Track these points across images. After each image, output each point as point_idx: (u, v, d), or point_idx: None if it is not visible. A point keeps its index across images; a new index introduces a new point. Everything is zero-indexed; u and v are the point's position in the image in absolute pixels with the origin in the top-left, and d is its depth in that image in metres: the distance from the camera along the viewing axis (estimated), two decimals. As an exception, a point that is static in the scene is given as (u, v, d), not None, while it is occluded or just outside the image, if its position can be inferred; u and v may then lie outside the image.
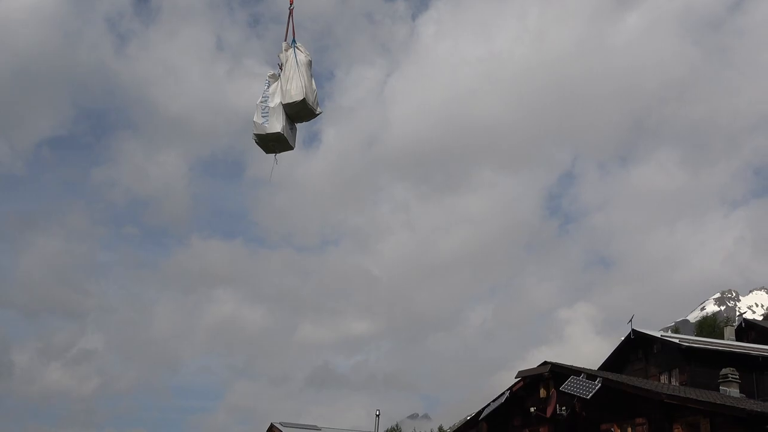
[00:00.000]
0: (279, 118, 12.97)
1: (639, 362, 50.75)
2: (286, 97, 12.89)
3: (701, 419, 26.25)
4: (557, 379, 31.25)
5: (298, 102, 12.90)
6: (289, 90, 12.89)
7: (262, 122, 12.97)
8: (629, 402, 28.55)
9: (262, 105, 13.10)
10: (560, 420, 31.07)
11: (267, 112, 12.99)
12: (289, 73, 13.06)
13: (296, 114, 13.14)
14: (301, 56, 13.19)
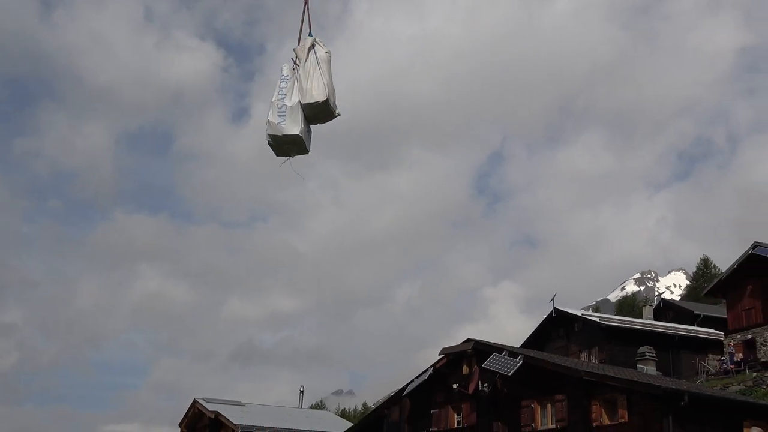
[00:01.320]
0: (297, 118, 12.04)
1: (560, 340, 51.65)
2: (307, 97, 11.97)
3: (618, 396, 26.77)
4: (480, 356, 31.55)
5: (320, 103, 12.04)
6: (309, 89, 11.98)
7: (278, 122, 11.98)
8: (550, 379, 28.96)
9: (278, 103, 12.09)
10: (482, 396, 31.39)
11: (284, 111, 12.01)
12: (310, 70, 12.12)
13: (314, 115, 12.22)
14: (321, 52, 12.27)
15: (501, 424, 30.37)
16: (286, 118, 11.88)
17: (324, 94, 11.93)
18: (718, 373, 47.29)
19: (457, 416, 33.32)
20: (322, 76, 12.08)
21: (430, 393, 34.52)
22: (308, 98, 11.88)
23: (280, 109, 11.94)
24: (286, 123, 11.87)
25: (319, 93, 11.91)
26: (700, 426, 25.11)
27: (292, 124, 11.87)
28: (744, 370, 44.74)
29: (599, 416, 27.21)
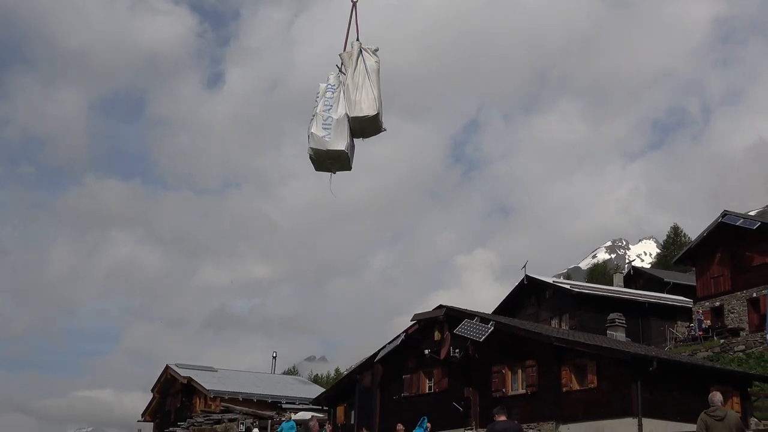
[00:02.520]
0: (343, 132, 11.06)
1: (532, 307, 51.98)
2: (355, 110, 11.00)
3: (588, 361, 27.07)
4: (452, 323, 31.72)
5: (370, 117, 11.09)
6: (358, 101, 11.00)
7: (323, 135, 10.97)
8: (520, 345, 29.20)
9: (323, 114, 11.07)
10: (453, 362, 31.59)
11: (330, 124, 11.01)
12: (359, 80, 11.16)
13: (361, 129, 11.27)
14: (370, 61, 11.32)
15: (472, 389, 30.62)
16: (332, 132, 10.97)
17: (374, 108, 11.07)
18: (686, 339, 47.82)
19: (429, 381, 33.55)
20: (372, 87, 11.20)
21: (402, 359, 34.71)
22: (357, 111, 11.00)
23: (325, 122, 11.01)
24: (331, 137, 10.97)
25: (369, 106, 11.02)
26: (668, 391, 25.47)
27: (338, 138, 10.97)
28: (712, 336, 45.27)
29: (569, 381, 27.53)
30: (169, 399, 59.69)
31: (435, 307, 33.87)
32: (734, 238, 46.02)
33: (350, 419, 37.33)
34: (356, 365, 39.43)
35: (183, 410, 55.92)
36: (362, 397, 36.94)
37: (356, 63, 11.17)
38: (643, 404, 25.16)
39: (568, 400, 27.34)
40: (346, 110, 10.97)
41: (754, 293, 44.27)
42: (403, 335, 34.66)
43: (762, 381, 29.01)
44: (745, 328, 44.20)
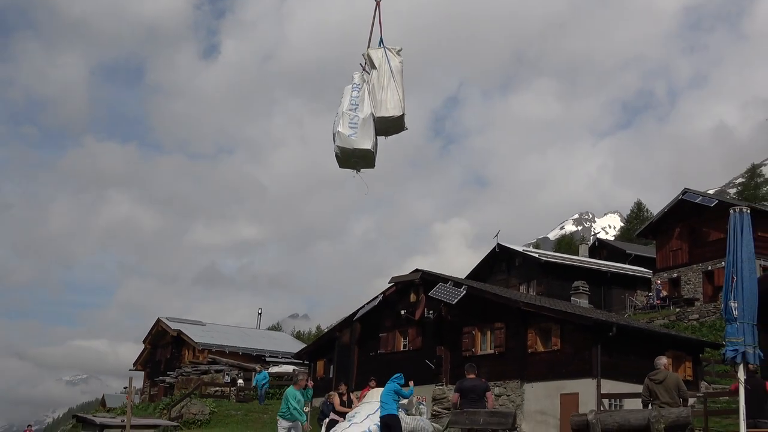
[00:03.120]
0: (369, 132, 10.81)
1: (502, 273, 52.24)
2: (382, 110, 10.76)
3: (553, 325, 27.27)
4: (427, 286, 31.83)
5: (395, 117, 10.85)
6: (384, 101, 10.77)
7: (350, 134, 10.69)
8: (490, 308, 29.37)
9: (350, 113, 10.77)
10: (427, 322, 31.76)
11: (356, 123, 10.72)
12: (384, 81, 10.89)
13: (385, 128, 11.03)
14: (394, 62, 11.06)
15: (444, 349, 30.82)
16: (358, 131, 10.69)
17: (400, 109, 10.83)
18: (645, 307, 48.24)
19: (404, 340, 33.73)
20: (397, 88, 10.94)
21: (380, 318, 34.87)
22: (383, 111, 10.77)
23: (352, 121, 10.73)
24: (357, 136, 10.69)
25: (394, 107, 10.79)
26: (625, 355, 25.72)
27: (364, 137, 10.72)
28: (668, 305, 45.70)
29: (534, 343, 27.74)
30: (159, 350, 59.85)
31: (411, 271, 33.97)
32: (693, 215, 46.41)
33: (329, 373, 37.54)
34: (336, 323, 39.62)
35: (172, 361, 56.10)
36: (341, 353, 37.12)
37: (381, 63, 10.93)
38: (602, 366, 25.42)
39: (533, 361, 27.56)
40: (371, 110, 10.74)
41: (709, 266, 44.71)
42: (381, 296, 34.79)
43: (713, 348, 29.34)
44: (700, 299, 44.69)
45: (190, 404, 36.77)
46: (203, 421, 34.21)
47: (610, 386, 25.11)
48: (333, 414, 18.78)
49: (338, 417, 18.41)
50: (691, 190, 48.67)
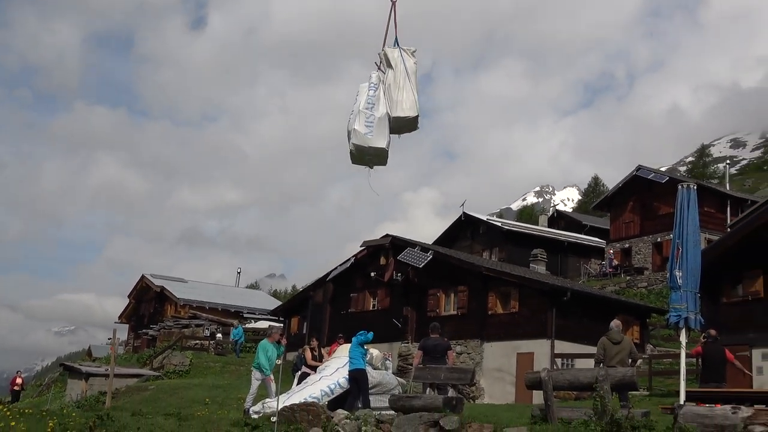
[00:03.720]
0: (384, 131, 10.53)
1: (467, 240, 52.37)
2: (397, 110, 10.49)
3: (512, 289, 27.45)
4: (396, 250, 31.88)
5: (411, 118, 10.60)
6: (400, 101, 10.50)
7: (366, 133, 10.42)
8: (454, 272, 29.49)
9: (366, 112, 10.48)
10: (395, 284, 31.85)
11: (372, 121, 10.45)
12: (400, 81, 10.61)
13: (399, 127, 10.74)
14: (410, 63, 10.74)
15: (410, 309, 30.95)
16: (374, 129, 10.44)
17: (415, 110, 10.61)
18: (598, 275, 48.69)
19: (373, 300, 33.84)
20: (413, 89, 10.67)
21: (351, 279, 34.92)
22: (399, 111, 10.51)
23: (368, 119, 10.47)
24: (373, 134, 10.44)
25: (410, 107, 10.54)
26: (578, 318, 25.98)
27: (380, 136, 10.46)
28: (620, 273, 46.17)
29: (494, 306, 27.92)
30: (143, 305, 59.65)
31: (382, 236, 33.99)
32: (645, 190, 46.73)
33: (302, 329, 37.60)
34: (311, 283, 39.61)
35: (155, 315, 55.97)
36: (314, 311, 37.18)
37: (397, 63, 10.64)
38: (557, 328, 25.66)
39: (493, 322, 27.76)
40: (387, 109, 10.50)
41: (658, 238, 45.12)
42: (353, 259, 34.82)
43: (659, 313, 29.67)
44: (649, 268, 45.16)
45: (171, 356, 36.77)
46: (183, 372, 34.23)
47: (564, 347, 25.38)
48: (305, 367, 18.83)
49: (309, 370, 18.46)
50: (644, 167, 48.95)
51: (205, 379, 31.00)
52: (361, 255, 34.40)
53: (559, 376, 12.11)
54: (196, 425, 12.72)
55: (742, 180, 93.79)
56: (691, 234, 12.34)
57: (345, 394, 16.02)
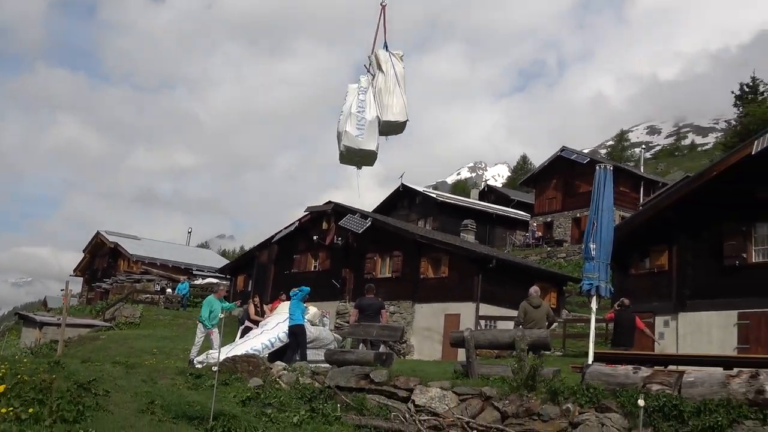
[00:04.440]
0: (374, 134, 10.16)
1: (404, 209, 52.52)
2: (388, 114, 10.09)
3: (443, 256, 27.69)
4: (337, 216, 31.85)
5: (400, 123, 10.14)
6: (390, 106, 10.09)
7: (357, 135, 10.08)
8: (391, 238, 29.60)
9: (357, 115, 10.12)
10: (336, 247, 31.86)
11: (363, 124, 10.11)
12: (390, 86, 10.19)
13: (387, 131, 10.27)
14: (399, 67, 10.30)
15: (349, 271, 31.02)
16: (365, 132, 10.11)
17: (405, 115, 10.19)
18: (522, 245, 49.37)
19: (315, 262, 33.80)
20: (402, 94, 10.27)
21: (295, 242, 34.79)
22: (389, 116, 10.12)
23: (359, 122, 10.13)
24: (364, 137, 10.11)
25: (400, 112, 10.14)
26: (503, 284, 26.35)
27: (370, 139, 10.12)
28: (542, 245, 46.89)
29: (426, 270, 28.14)
30: (97, 259, 58.59)
31: (325, 203, 33.90)
32: (568, 169, 47.42)
33: (248, 287, 37.41)
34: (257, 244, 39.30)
35: (109, 270, 55.05)
36: (259, 270, 36.98)
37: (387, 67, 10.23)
38: (482, 293, 26.01)
39: (425, 285, 27.99)
40: (377, 113, 10.15)
41: (577, 214, 45.92)
42: (297, 223, 34.68)
43: (574, 282, 30.26)
44: (568, 241, 45.97)
45: (123, 308, 36.27)
46: (134, 323, 33.81)
47: (488, 310, 25.74)
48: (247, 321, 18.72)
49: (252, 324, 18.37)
50: (568, 149, 49.61)
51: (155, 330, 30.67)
52: (305, 219, 34.27)
53: (481, 335, 12.25)
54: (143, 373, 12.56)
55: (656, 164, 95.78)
56: (606, 211, 12.54)
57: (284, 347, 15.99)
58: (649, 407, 8.35)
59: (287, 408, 10.27)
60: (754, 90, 61.62)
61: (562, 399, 9.43)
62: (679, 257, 19.59)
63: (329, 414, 10.16)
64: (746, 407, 8.17)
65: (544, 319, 14.53)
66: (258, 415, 9.56)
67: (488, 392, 10.07)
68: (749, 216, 18.12)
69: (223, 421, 8.44)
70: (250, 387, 11.61)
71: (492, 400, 9.96)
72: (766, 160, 17.42)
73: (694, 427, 8.22)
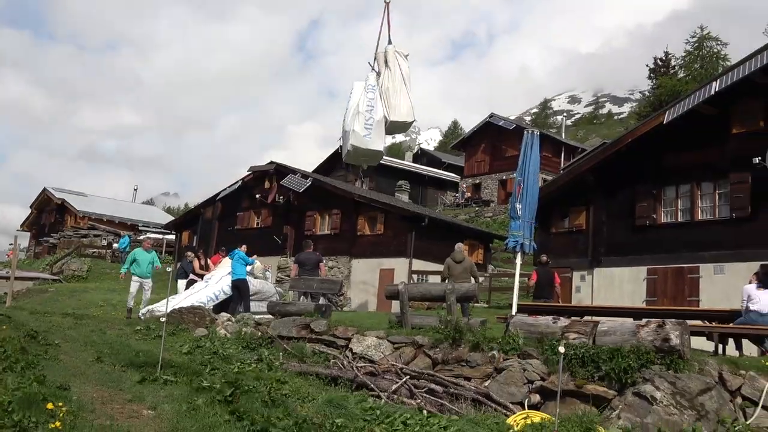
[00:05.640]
0: (381, 133, 9.82)
1: (342, 170, 52.16)
2: (396, 114, 9.76)
3: (378, 214, 27.76)
4: (279, 175, 31.55)
5: (408, 123, 9.97)
6: (397, 106, 9.79)
7: (364, 135, 9.66)
8: (330, 197, 29.51)
9: (365, 114, 9.67)
10: (277, 205, 31.62)
11: (371, 124, 9.66)
12: (397, 85, 9.85)
13: (393, 129, 10.04)
14: (405, 67, 9.93)
15: (290, 228, 30.86)
16: (372, 132, 9.74)
17: (412, 115, 9.90)
18: (452, 205, 49.88)
19: (257, 219, 33.50)
20: (409, 94, 9.99)
21: (238, 199, 34.39)
22: (396, 116, 9.82)
23: (367, 122, 9.71)
24: (371, 137, 9.77)
25: (408, 113, 9.88)
26: (434, 240, 26.57)
27: (378, 139, 9.82)
28: (471, 204, 47.45)
29: (363, 228, 28.19)
30: (44, 215, 56.95)
31: (267, 163, 33.51)
32: (495, 134, 47.88)
33: (192, 243, 36.91)
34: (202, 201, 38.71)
35: (56, 225, 53.60)
36: (204, 226, 36.52)
37: (393, 66, 9.91)
38: (415, 249, 26.22)
39: (361, 242, 28.07)
40: (385, 113, 9.81)
41: (504, 176, 46.51)
42: (241, 182, 34.24)
43: (500, 239, 30.73)
44: (495, 201, 46.60)
45: (70, 262, 35.49)
46: (81, 277, 33.15)
47: (420, 265, 25.98)
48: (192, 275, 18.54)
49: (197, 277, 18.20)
50: (496, 115, 50.03)
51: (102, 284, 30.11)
52: (248, 178, 33.87)
53: (414, 289, 12.40)
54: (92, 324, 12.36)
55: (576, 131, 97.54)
56: (532, 173, 12.73)
57: (228, 300, 15.92)
58: (567, 354, 8.61)
59: (232, 357, 10.25)
60: (666, 64, 62.97)
61: (488, 347, 9.65)
62: (596, 217, 20.06)
63: (272, 362, 10.19)
64: (653, 354, 8.50)
65: (466, 273, 14.74)
66: (204, 363, 9.52)
67: (420, 341, 10.23)
68: (659, 180, 18.62)
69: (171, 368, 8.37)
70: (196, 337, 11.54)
71: (424, 348, 10.13)
72: (675, 129, 17.88)
73: (607, 371, 8.52)
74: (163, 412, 6.34)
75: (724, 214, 17.26)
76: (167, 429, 5.89)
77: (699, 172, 17.83)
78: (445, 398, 9.02)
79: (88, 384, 7.15)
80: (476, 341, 9.75)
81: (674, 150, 18.31)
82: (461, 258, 14.79)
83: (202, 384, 7.50)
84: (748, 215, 16.65)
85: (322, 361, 10.54)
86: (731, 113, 17.36)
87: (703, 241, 17.34)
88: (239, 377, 8.04)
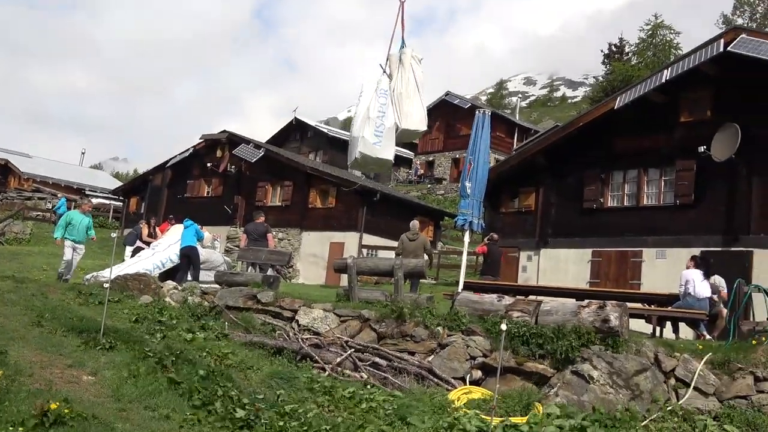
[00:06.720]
0: (391, 142, 9.30)
1: (296, 142, 51.94)
2: (408, 122, 9.23)
3: (330, 188, 27.71)
4: (232, 145, 31.21)
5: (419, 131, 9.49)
6: (410, 113, 9.22)
7: (375, 142, 9.23)
8: (283, 169, 29.33)
9: (376, 121, 9.21)
10: (229, 175, 31.32)
11: (381, 131, 9.20)
12: (410, 90, 9.26)
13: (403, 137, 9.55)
14: (418, 72, 9.32)
15: (241, 198, 30.62)
16: (382, 140, 9.31)
17: (425, 124, 9.51)
18: (405, 181, 50.02)
19: (208, 188, 33.15)
20: (422, 103, 9.50)
21: (189, 167, 33.94)
22: (408, 124, 9.34)
23: (378, 128, 9.28)
24: (381, 145, 9.34)
25: (420, 122, 9.40)
26: (385, 216, 26.70)
27: (387, 147, 9.34)
28: (423, 181, 47.67)
29: (314, 200, 28.13)
30: (-14, 176, 55.32)
31: (220, 131, 33.11)
32: (451, 113, 48.01)
33: (140, 209, 36.36)
34: (151, 168, 38.08)
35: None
36: (152, 193, 35.99)
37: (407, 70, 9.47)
38: (366, 223, 26.29)
39: (312, 215, 28.01)
40: (396, 120, 9.40)
41: (457, 154, 46.77)
42: (192, 149, 33.75)
43: (450, 217, 30.99)
44: (447, 179, 46.90)
45: (13, 224, 34.58)
46: (24, 240, 32.38)
47: (371, 240, 26.08)
48: (139, 242, 18.29)
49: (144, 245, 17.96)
50: (452, 93, 50.15)
51: (45, 247, 29.44)
52: (200, 146, 33.41)
53: (363, 263, 12.45)
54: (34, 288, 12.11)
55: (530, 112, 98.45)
56: (483, 153, 12.85)
57: (175, 268, 15.76)
58: (510, 332, 8.78)
59: (178, 325, 10.18)
60: (620, 50, 63.83)
61: (433, 323, 9.77)
62: (545, 199, 20.36)
63: (218, 331, 10.15)
64: (594, 334, 8.73)
65: (420, 250, 14.85)
66: (150, 332, 9.44)
67: (367, 315, 10.30)
68: (608, 165, 18.97)
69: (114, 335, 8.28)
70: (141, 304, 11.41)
71: (370, 322, 10.20)
72: (626, 115, 18.20)
73: (548, 350, 8.72)
74: (104, 378, 6.29)
75: (668, 201, 17.69)
76: (107, 395, 5.85)
77: (647, 159, 18.22)
78: (389, 372, 9.12)
79: (27, 348, 7.04)
80: (422, 317, 9.86)
81: (624, 136, 18.64)
82: (415, 236, 14.88)
83: (145, 351, 7.44)
84: (692, 202, 17.10)
85: (268, 332, 10.54)
86: (680, 102, 17.74)
87: (647, 226, 17.77)
88: (183, 346, 8.01)
